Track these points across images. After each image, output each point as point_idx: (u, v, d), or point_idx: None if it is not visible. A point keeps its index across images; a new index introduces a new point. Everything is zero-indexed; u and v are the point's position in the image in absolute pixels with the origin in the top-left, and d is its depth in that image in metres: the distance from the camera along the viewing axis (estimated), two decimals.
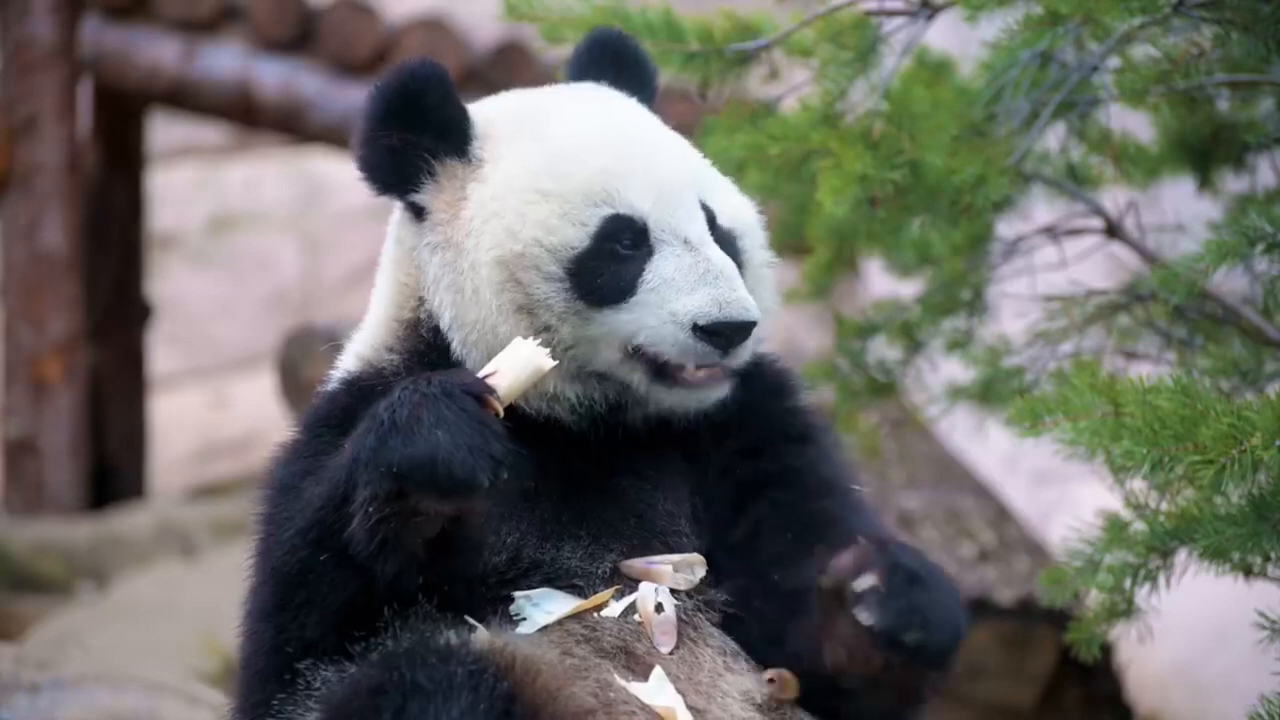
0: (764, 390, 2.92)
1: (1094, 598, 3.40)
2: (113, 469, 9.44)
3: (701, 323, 2.76)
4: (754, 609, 2.78)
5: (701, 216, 2.85)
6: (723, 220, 2.89)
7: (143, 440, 9.74)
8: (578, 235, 2.81)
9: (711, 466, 2.87)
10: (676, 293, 2.78)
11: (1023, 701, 5.46)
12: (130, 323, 9.73)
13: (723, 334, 2.76)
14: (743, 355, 2.81)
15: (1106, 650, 5.29)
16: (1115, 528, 3.32)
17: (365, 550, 2.60)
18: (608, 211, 2.82)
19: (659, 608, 2.73)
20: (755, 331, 2.79)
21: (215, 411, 12.66)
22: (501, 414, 2.60)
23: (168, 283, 12.42)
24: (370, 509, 2.58)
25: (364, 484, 2.58)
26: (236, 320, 13.03)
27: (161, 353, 11.53)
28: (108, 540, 7.97)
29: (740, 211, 2.94)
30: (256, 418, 11.80)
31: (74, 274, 8.98)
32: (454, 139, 2.87)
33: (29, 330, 8.93)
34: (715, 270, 2.79)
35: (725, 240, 2.86)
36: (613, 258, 2.81)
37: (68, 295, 8.95)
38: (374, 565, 2.62)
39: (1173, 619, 3.52)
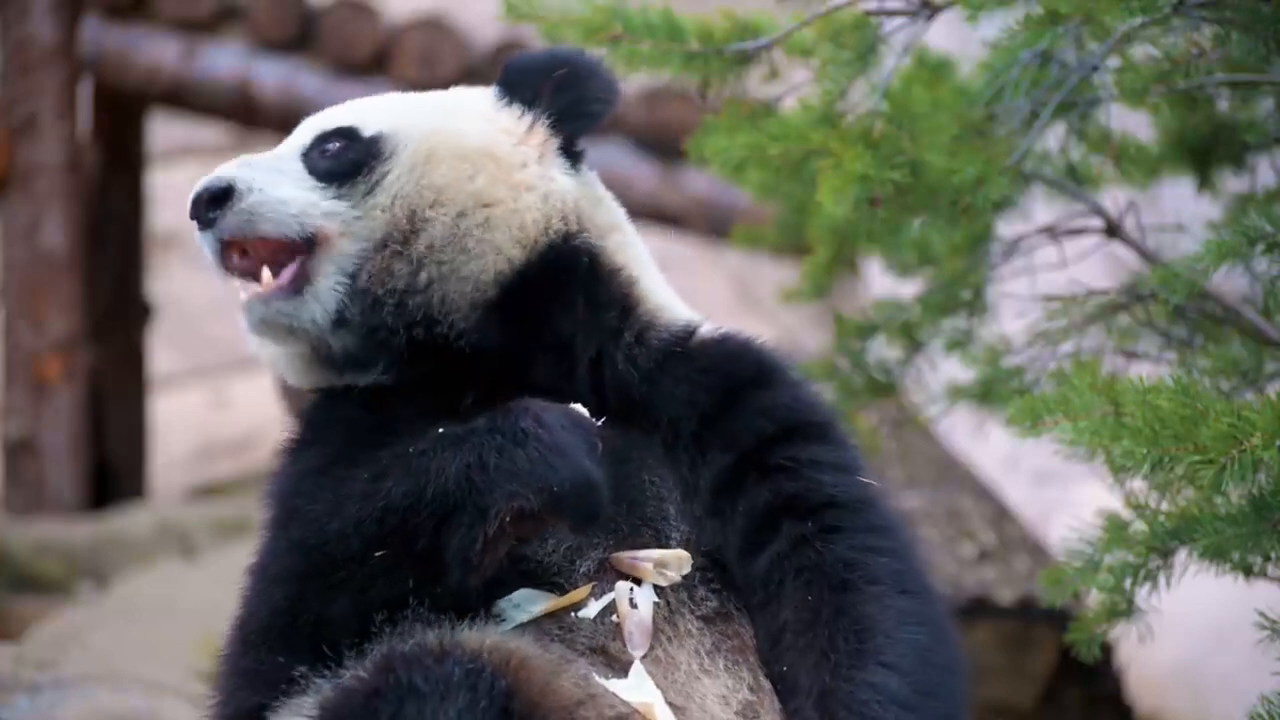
0: (742, 381, 2.82)
1: (1094, 598, 3.39)
2: (113, 469, 9.43)
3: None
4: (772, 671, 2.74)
5: (298, 139, 3.11)
6: (367, 130, 3.08)
7: (143, 440, 9.73)
8: None
9: (701, 474, 2.79)
10: None
11: (1023, 701, 5.45)
12: (130, 323, 9.72)
13: (193, 212, 2.99)
14: (230, 227, 3.03)
15: (1106, 650, 5.28)
16: (1115, 528, 3.32)
17: (468, 560, 2.58)
18: None
19: (633, 604, 2.69)
20: (238, 200, 3.02)
21: (215, 411, 12.65)
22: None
23: (168, 283, 12.41)
24: (503, 523, 2.56)
25: (504, 497, 2.55)
26: (236, 320, 13.00)
27: (161, 353, 11.51)
28: (108, 540, 7.97)
29: (397, 121, 3.09)
30: (256, 418, 11.80)
31: (74, 274, 8.97)
32: None
33: (29, 330, 8.92)
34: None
35: (369, 144, 3.04)
36: None
37: (68, 295, 8.94)
38: (464, 574, 2.60)
39: (1173, 619, 3.52)
